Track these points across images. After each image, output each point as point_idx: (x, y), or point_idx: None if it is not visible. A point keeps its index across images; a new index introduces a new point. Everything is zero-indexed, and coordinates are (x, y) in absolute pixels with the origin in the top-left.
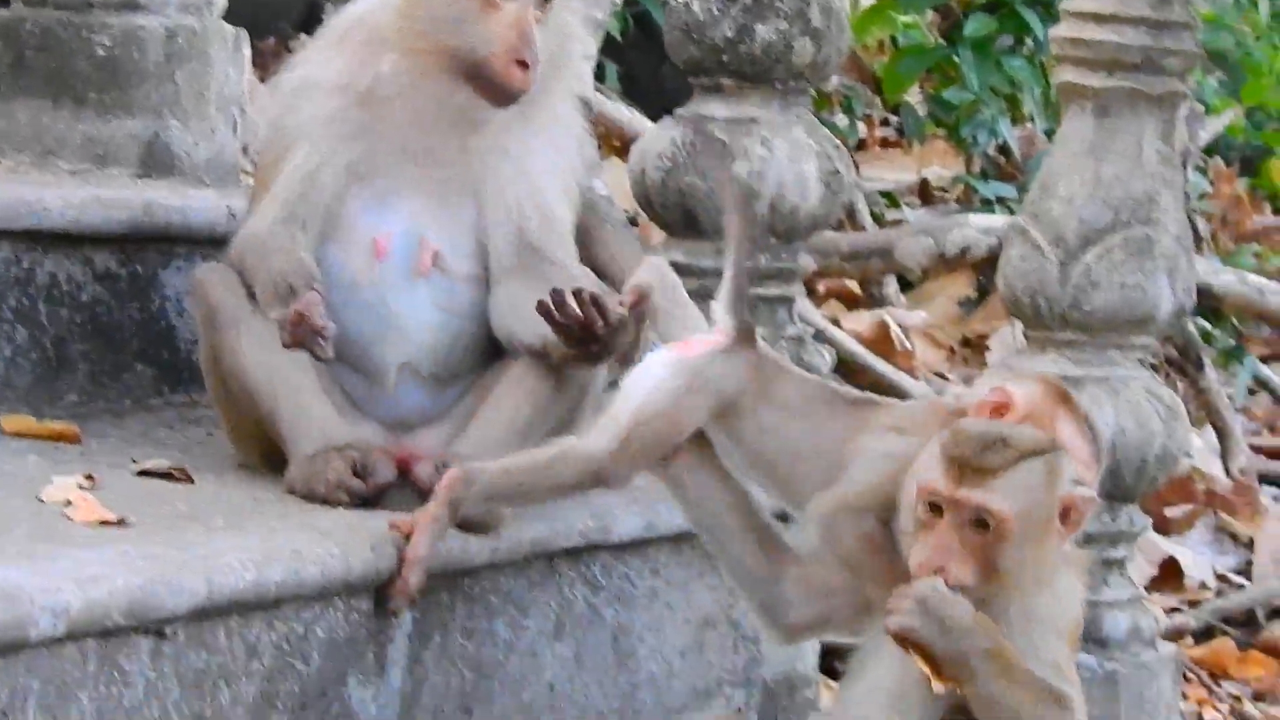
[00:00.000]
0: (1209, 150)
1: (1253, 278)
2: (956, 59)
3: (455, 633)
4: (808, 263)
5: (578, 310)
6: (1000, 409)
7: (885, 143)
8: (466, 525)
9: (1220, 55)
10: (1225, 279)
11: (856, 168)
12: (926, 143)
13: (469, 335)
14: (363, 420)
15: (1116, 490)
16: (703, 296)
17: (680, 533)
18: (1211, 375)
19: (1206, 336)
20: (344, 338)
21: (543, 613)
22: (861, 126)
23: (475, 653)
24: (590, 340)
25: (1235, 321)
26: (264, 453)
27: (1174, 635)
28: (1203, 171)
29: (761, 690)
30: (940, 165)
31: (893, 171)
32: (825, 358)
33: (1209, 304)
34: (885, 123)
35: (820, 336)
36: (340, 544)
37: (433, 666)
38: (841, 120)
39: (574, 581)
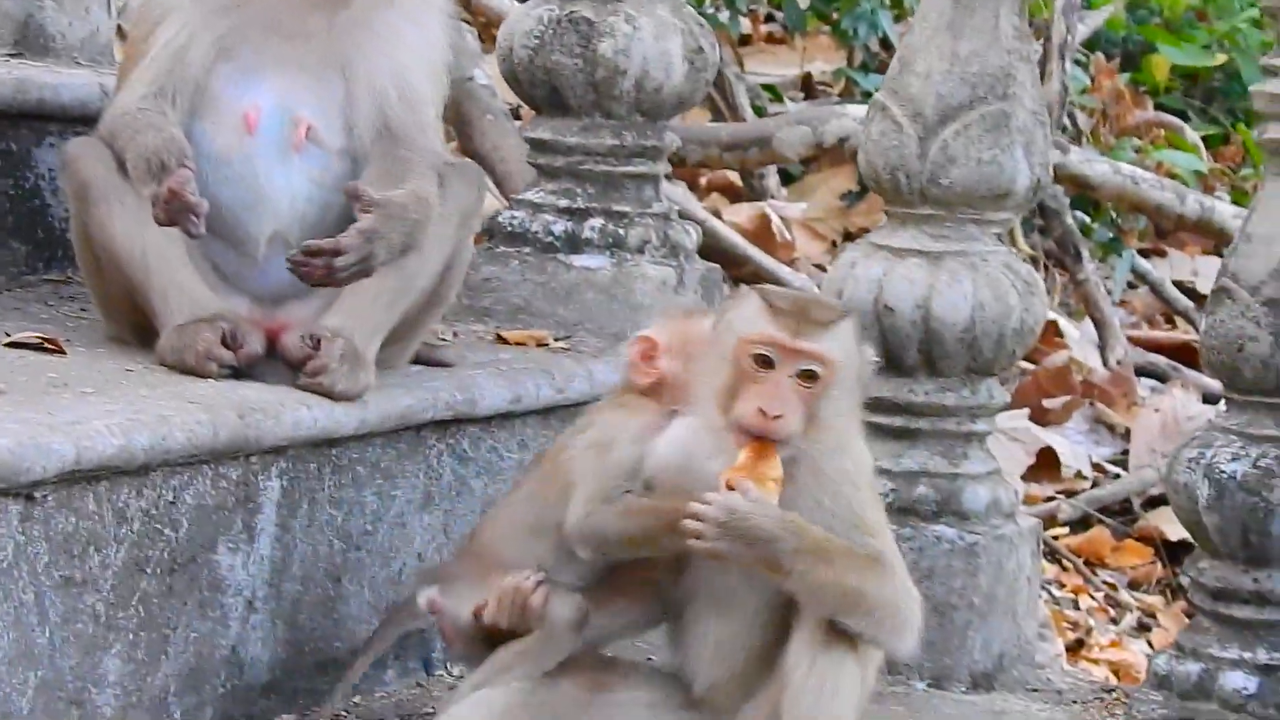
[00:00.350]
0: (1089, 44)
1: (1127, 168)
2: None
3: (324, 502)
4: (673, 140)
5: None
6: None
7: (769, 38)
8: (334, 395)
9: None
10: (1100, 169)
11: (740, 63)
12: (809, 37)
13: (338, 208)
14: (233, 293)
15: (975, 364)
16: (569, 173)
17: (548, 406)
18: (1090, 268)
19: (1085, 230)
20: (214, 210)
21: (411, 483)
22: (745, 22)
23: (344, 522)
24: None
25: (1114, 215)
26: (135, 326)
27: (1050, 523)
28: (1083, 65)
29: None
30: (823, 60)
31: (776, 66)
32: (691, 235)
33: (1085, 193)
34: (769, 18)
35: (684, 215)
36: (208, 412)
37: (302, 535)
38: (724, 15)
39: (442, 453)
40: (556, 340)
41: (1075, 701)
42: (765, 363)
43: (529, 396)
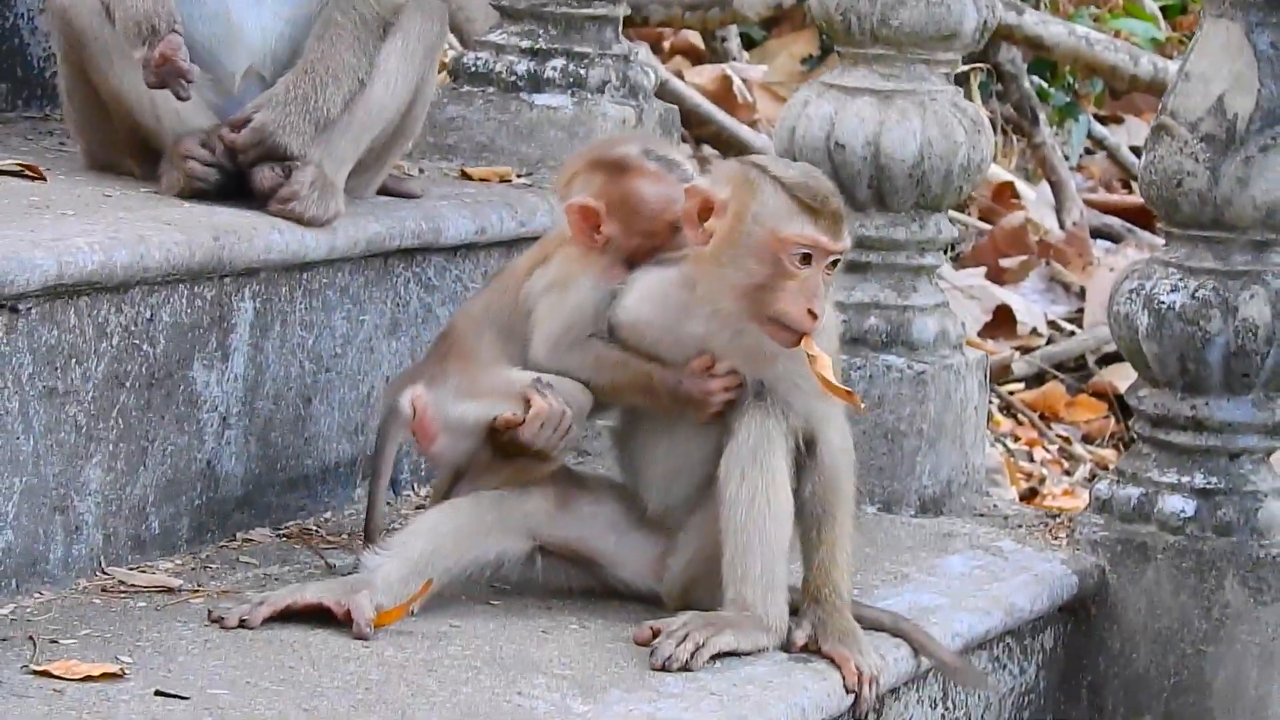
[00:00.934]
0: None
1: (1081, 29)
2: None
3: (295, 325)
4: None
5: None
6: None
7: None
8: (305, 221)
9: None
10: (1055, 30)
11: None
12: None
13: None
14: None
15: (924, 199)
16: (531, 15)
17: (512, 238)
18: (1046, 132)
19: (1043, 94)
20: (191, 47)
21: (379, 309)
22: None
23: (314, 344)
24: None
25: (1071, 80)
26: (141, 160)
27: (1005, 378)
28: None
29: None
30: None
31: None
32: (650, 76)
33: (1039, 55)
34: None
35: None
36: (184, 233)
37: (274, 355)
38: None
39: (408, 281)
40: (519, 176)
41: (1020, 526)
42: (805, 260)
43: (493, 228)
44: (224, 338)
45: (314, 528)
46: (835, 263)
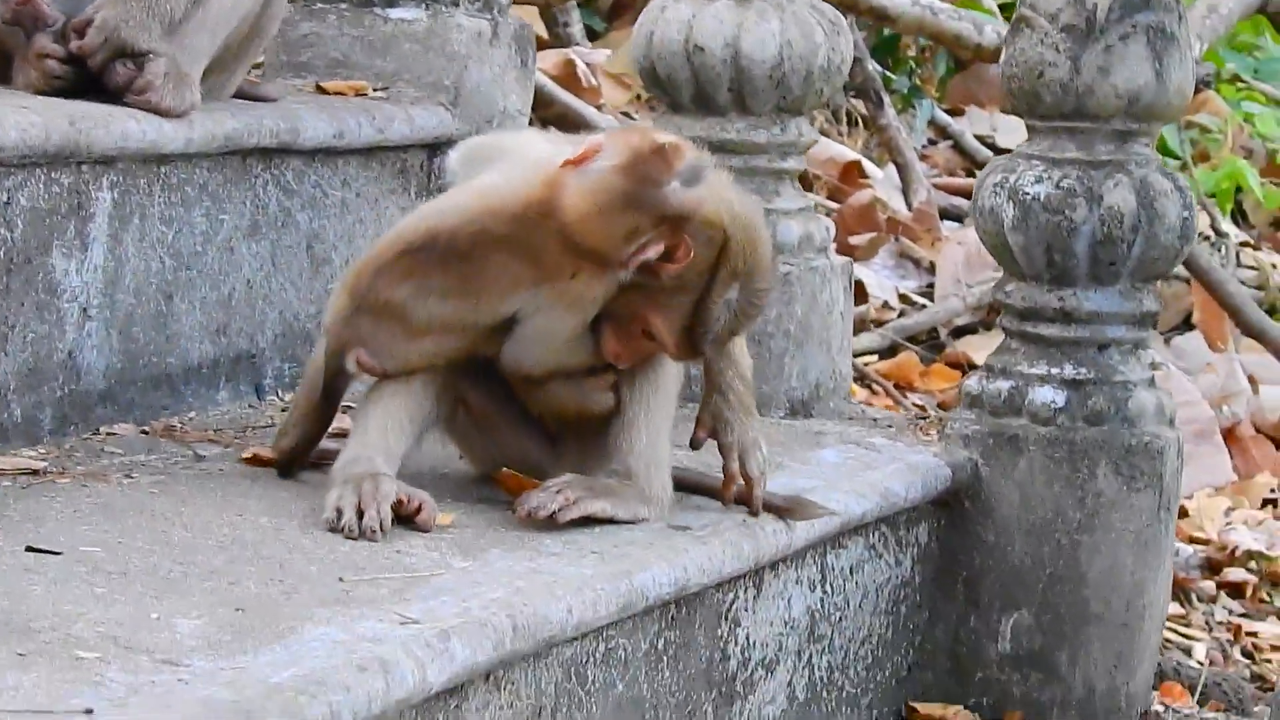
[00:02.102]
0: None
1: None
2: None
3: (154, 219)
4: None
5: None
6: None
7: None
8: (161, 111)
9: None
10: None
11: None
12: None
13: None
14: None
15: (785, 102)
16: None
17: (370, 145)
18: (891, 114)
19: (886, 81)
20: None
21: (238, 210)
22: None
23: (174, 240)
24: None
25: (914, 66)
26: None
27: (860, 352)
28: None
29: None
30: None
31: None
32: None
33: (883, 24)
34: None
35: None
36: (41, 116)
37: (133, 248)
38: None
39: (267, 183)
40: (375, 91)
41: (890, 426)
42: None
43: (350, 133)
44: (82, 226)
45: (179, 424)
46: None
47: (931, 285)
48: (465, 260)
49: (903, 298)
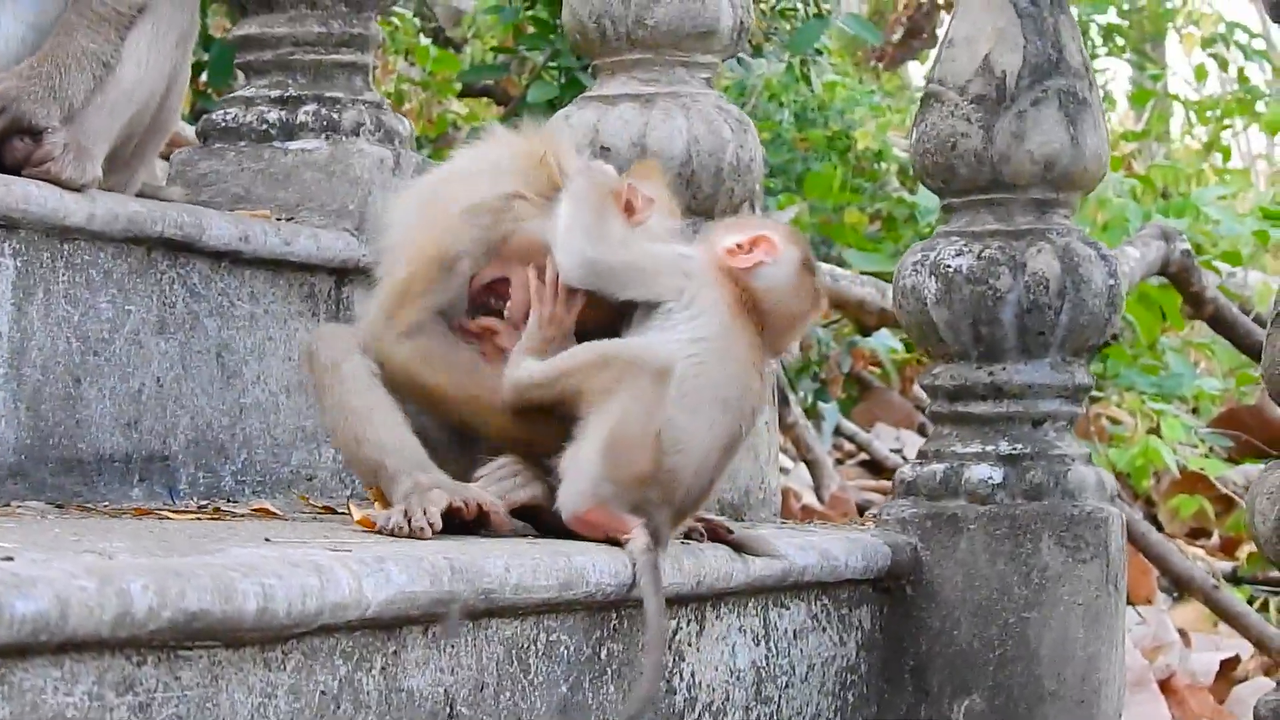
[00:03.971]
0: None
1: (825, 265)
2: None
3: (59, 296)
4: (379, 32)
5: None
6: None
7: None
8: (62, 181)
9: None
10: None
11: None
12: None
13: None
14: None
15: (696, 202)
16: (280, 66)
17: (276, 258)
18: (798, 412)
19: (791, 384)
20: None
21: (145, 303)
22: None
23: (80, 322)
24: None
25: (817, 370)
26: None
27: None
28: None
29: None
30: None
31: None
32: (406, 125)
33: None
34: None
35: None
36: None
37: (39, 322)
38: None
39: (173, 281)
40: (279, 220)
41: (825, 523)
42: None
43: (256, 238)
44: None
45: (90, 504)
46: None
47: None
48: None
49: None
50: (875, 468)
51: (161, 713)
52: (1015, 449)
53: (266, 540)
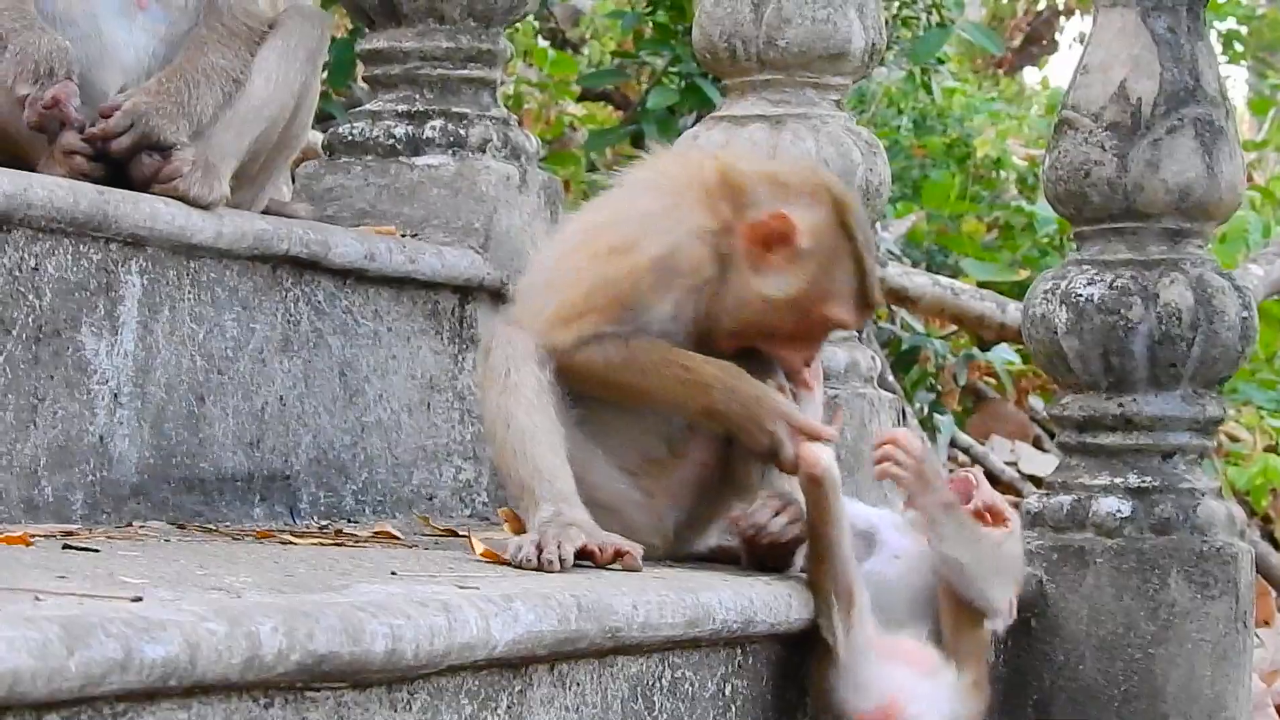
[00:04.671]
0: None
1: (945, 279)
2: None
3: (185, 314)
4: (507, 47)
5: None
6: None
7: None
8: (189, 199)
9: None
10: (919, 280)
11: None
12: None
13: None
14: None
15: None
16: (407, 80)
17: (401, 276)
18: (914, 424)
19: (907, 395)
20: None
21: (269, 321)
22: None
23: (205, 340)
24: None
25: (933, 380)
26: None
27: None
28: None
29: (491, 466)
30: None
31: None
32: (533, 141)
33: (903, 305)
34: None
35: None
36: (69, 186)
37: (164, 340)
38: None
39: (298, 299)
40: (404, 236)
41: None
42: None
43: (381, 256)
44: (112, 307)
45: (213, 525)
46: None
47: None
48: None
49: None
50: (990, 480)
51: None
52: (1144, 482)
53: (393, 574)
